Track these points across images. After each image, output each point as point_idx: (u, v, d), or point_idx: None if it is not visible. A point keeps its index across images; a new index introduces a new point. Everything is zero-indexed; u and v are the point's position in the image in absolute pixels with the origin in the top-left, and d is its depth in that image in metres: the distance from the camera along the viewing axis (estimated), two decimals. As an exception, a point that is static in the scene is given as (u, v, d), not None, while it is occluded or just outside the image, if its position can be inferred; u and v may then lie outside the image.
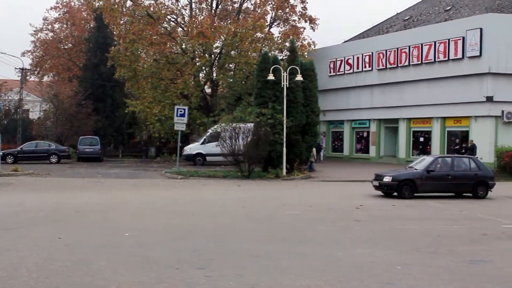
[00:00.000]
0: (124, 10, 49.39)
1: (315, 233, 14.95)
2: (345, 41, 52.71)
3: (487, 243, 13.92)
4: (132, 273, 10.50)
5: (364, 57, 46.48)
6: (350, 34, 71.06)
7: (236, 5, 51.83)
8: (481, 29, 37.27)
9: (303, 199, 22.92)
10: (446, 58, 39.45)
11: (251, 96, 38.98)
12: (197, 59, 48.37)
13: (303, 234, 14.85)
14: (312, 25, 50.57)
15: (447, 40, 39.32)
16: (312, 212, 18.88)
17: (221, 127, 33.93)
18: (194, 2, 50.41)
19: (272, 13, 50.76)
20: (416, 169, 24.16)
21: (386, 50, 44.33)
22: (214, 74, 49.69)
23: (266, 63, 33.84)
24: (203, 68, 49.12)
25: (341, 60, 48.78)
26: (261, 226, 15.95)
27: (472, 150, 35.05)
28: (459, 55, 38.53)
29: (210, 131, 38.24)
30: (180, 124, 36.45)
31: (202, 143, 40.76)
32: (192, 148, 41.74)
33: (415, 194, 23.39)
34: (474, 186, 23.89)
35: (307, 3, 50.52)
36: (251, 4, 52.03)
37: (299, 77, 32.93)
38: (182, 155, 40.10)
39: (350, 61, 47.87)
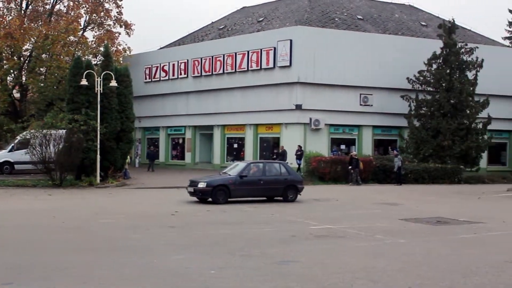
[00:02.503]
0: None
1: (129, 241, 14.71)
2: (161, 48, 52.67)
3: (296, 244, 14.53)
4: None
5: (179, 64, 46.73)
6: (166, 41, 71.13)
7: (48, 7, 49.68)
8: (291, 40, 39.02)
9: (118, 207, 22.49)
10: (259, 67, 40.80)
11: (64, 102, 37.60)
12: (4, 62, 45.75)
13: (116, 242, 14.55)
14: (127, 31, 49.95)
15: (259, 50, 40.68)
16: (126, 220, 18.57)
17: (30, 133, 32.34)
18: (1, 1, 47.66)
19: (86, 17, 49.41)
20: (229, 175, 24.66)
21: (201, 58, 44.92)
22: (24, 78, 47.29)
23: (79, 68, 32.85)
24: (11, 71, 46.56)
25: (157, 67, 48.67)
26: (72, 236, 15.40)
27: (283, 155, 36.51)
28: (271, 65, 40.03)
29: (18, 138, 36.27)
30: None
31: (10, 151, 38.45)
32: (-2, 156, 39.27)
33: (229, 199, 23.86)
34: (284, 190, 24.87)
35: (122, 7, 49.91)
36: (64, 7, 50.25)
37: (113, 83, 32.33)
38: (-12, 164, 37.60)
39: (166, 68, 47.90)
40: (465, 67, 40.69)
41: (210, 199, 23.79)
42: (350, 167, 35.07)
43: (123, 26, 49.76)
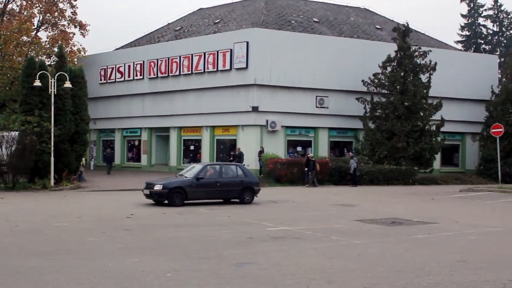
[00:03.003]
0: None
1: (84, 245, 14.52)
2: (116, 49, 52.20)
3: (253, 246, 14.55)
4: None
5: (135, 65, 46.35)
6: (121, 42, 70.53)
7: (0, 6, 48.78)
8: (247, 42, 39.08)
9: (73, 210, 22.16)
10: (215, 69, 40.75)
11: (16, 103, 36.94)
12: (-47, 62, 44.72)
13: (71, 246, 14.35)
14: (82, 31, 49.36)
15: (216, 52, 40.63)
16: (81, 223, 18.32)
17: (-19, 135, 31.64)
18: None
19: (39, 16, 48.67)
20: (186, 177, 24.55)
21: (157, 59, 44.64)
22: (-26, 79, 46.27)
23: (32, 69, 32.29)
24: (-38, 71, 45.53)
25: (112, 68, 48.19)
26: (26, 240, 15.12)
27: (239, 157, 36.53)
28: (227, 67, 40.03)
29: (-31, 140, 35.44)
30: None
31: (-39, 153, 37.64)
32: None
33: (186, 202, 23.76)
34: (241, 192, 24.88)
35: (77, 8, 49.31)
36: (17, 6, 49.40)
37: (67, 84, 31.87)
38: None
39: (122, 69, 47.45)
40: (419, 70, 41.37)
41: (166, 202, 23.63)
42: (306, 168, 35.30)
43: (78, 27, 49.16)
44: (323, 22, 46.39)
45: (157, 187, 23.66)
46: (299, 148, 41.42)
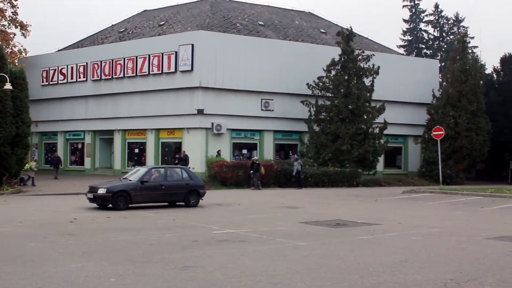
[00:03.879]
0: None
1: (25, 250, 14.19)
2: (59, 50, 51.29)
3: (198, 249, 14.48)
4: None
5: (78, 67, 45.58)
6: (64, 43, 69.34)
7: None
8: (192, 45, 38.91)
9: (14, 215, 21.65)
10: (160, 72, 40.44)
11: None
12: None
13: (11, 251, 14.00)
14: (23, 32, 48.35)
15: (161, 54, 40.32)
16: (22, 228, 17.92)
17: None
18: None
19: (-22, 17, 47.43)
20: (130, 180, 24.30)
21: (101, 61, 44.03)
22: None
23: (-30, 70, 31.42)
24: None
25: (55, 70, 47.26)
26: (-37, 246, 14.68)
27: (184, 160, 36.34)
28: (172, 69, 39.76)
29: None
30: None
31: None
32: None
33: (130, 205, 23.52)
34: (186, 195, 24.77)
35: (18, 7, 48.24)
36: (-46, 6, 48.03)
37: (8, 86, 31.10)
38: None
39: (64, 71, 46.59)
40: (362, 73, 41.98)
41: (110, 205, 23.33)
42: (252, 171, 35.39)
43: (19, 27, 48.12)
44: (268, 26, 46.63)
45: (101, 191, 23.34)
46: (244, 151, 41.47)
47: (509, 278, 11.45)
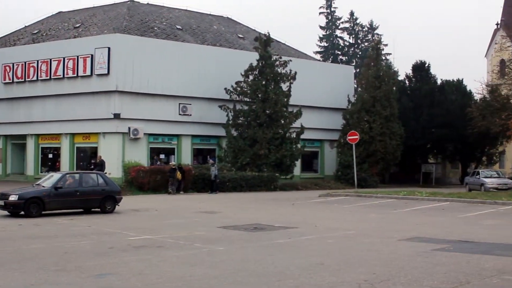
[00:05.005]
0: None
1: None
2: (-33, 52, 49.29)
3: (114, 256, 14.22)
4: None
5: (-11, 69, 43.98)
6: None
7: None
8: (109, 48, 38.26)
9: None
10: (75, 75, 39.53)
11: None
12: None
13: None
14: None
15: (76, 57, 39.43)
16: None
17: None
18: None
19: None
20: (44, 187, 23.59)
21: (13, 63, 42.64)
22: None
23: None
24: None
25: (-37, 72, 45.39)
26: None
27: (101, 166, 35.65)
28: (88, 72, 38.95)
29: None
30: None
31: None
32: None
33: (44, 212, 22.83)
34: (102, 201, 24.28)
35: None
36: None
37: None
38: None
39: (-26, 73, 44.85)
40: (280, 79, 42.44)
41: (22, 213, 22.58)
42: (170, 177, 35.14)
43: None
44: (186, 30, 46.44)
45: (12, 198, 22.55)
46: (162, 156, 41.08)
47: (420, 277, 11.81)
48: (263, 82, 41.87)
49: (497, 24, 68.84)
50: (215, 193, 35.92)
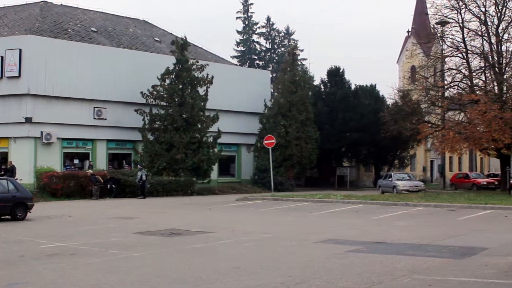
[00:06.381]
0: None
1: None
2: None
3: (26, 265, 13.78)
4: None
5: None
6: None
7: None
8: (20, 49, 37.08)
9: None
10: (-16, 77, 38.13)
11: None
12: None
13: None
14: None
15: (-16, 59, 38.04)
16: None
17: None
18: None
19: None
20: (-50, 193, 22.61)
21: None
22: None
23: None
24: None
25: None
26: None
27: (11, 171, 34.52)
28: (-2, 75, 37.66)
29: None
30: None
31: None
32: None
33: (-50, 220, 21.89)
34: (12, 208, 23.46)
35: None
36: None
37: None
38: None
39: None
40: (197, 83, 42.32)
41: None
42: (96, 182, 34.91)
43: None
44: (101, 32, 45.62)
45: None
46: (76, 161, 40.15)
47: (335, 279, 12.02)
48: (180, 86, 41.66)
49: (408, 31, 71.41)
50: (143, 198, 35.68)
